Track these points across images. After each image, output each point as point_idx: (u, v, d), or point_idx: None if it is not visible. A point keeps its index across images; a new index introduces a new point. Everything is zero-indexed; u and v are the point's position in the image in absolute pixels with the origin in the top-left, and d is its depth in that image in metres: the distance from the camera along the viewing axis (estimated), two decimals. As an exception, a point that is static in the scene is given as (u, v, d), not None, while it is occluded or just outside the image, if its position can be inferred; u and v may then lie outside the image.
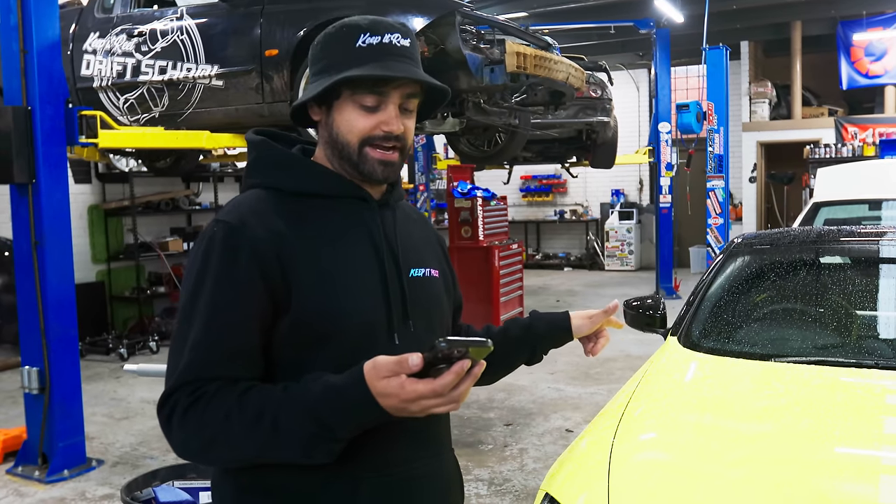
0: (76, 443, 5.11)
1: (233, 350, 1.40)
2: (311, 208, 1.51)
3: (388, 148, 1.51)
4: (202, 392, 1.37)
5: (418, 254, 1.63)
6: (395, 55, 1.48)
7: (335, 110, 1.51)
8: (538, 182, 16.85)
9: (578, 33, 12.93)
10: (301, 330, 1.43)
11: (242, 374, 1.41)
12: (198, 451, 1.41)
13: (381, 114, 1.49)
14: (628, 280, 14.16)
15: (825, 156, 12.19)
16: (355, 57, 1.47)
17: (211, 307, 1.41)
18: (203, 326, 1.40)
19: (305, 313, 1.43)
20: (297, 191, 1.52)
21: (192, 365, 1.39)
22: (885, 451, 2.31)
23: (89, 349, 8.42)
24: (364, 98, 1.48)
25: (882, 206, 7.49)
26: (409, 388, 1.27)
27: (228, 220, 1.45)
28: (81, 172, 8.99)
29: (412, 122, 1.55)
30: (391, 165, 1.53)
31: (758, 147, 14.38)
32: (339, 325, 1.45)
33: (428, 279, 1.62)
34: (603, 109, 9.00)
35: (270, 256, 1.42)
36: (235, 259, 1.42)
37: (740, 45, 14.33)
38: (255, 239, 1.42)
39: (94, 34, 6.05)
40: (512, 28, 5.44)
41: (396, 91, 1.49)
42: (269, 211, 1.48)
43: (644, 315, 3.60)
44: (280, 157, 1.57)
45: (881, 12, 13.02)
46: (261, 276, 1.41)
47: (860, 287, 3.32)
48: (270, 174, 1.55)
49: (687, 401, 2.75)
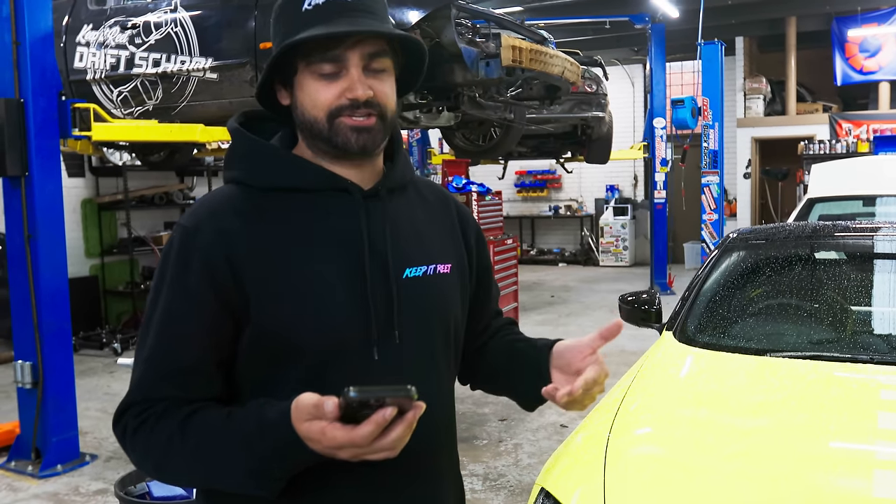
0: (70, 437, 5.09)
1: (183, 366, 1.30)
2: (284, 205, 1.36)
3: (361, 114, 1.34)
4: (149, 414, 1.29)
5: (422, 247, 1.45)
6: (345, 11, 1.32)
7: (297, 88, 1.36)
8: (533, 177, 16.85)
9: (573, 28, 12.91)
10: (263, 345, 1.31)
11: (194, 393, 1.30)
12: (150, 472, 1.35)
13: (342, 80, 1.33)
14: (623, 276, 14.17)
15: (819, 152, 12.20)
16: (303, 22, 1.32)
17: (164, 319, 1.31)
18: (155, 339, 1.31)
19: (266, 327, 1.30)
20: (267, 186, 1.37)
21: (142, 382, 1.31)
22: (879, 445, 2.31)
23: (83, 344, 8.39)
24: (319, 66, 1.32)
25: (876, 202, 7.52)
26: (330, 434, 1.14)
27: (185, 223, 1.34)
28: (75, 166, 8.95)
29: (385, 84, 1.37)
30: (367, 131, 1.34)
31: (752, 143, 14.40)
32: (304, 341, 1.31)
33: (429, 278, 1.44)
34: (598, 104, 9.00)
35: (223, 266, 1.30)
36: (188, 267, 1.31)
37: (735, 41, 14.33)
38: (208, 245, 1.30)
39: (87, 26, 6.02)
40: (507, 22, 5.43)
41: (354, 52, 1.32)
42: (231, 211, 1.34)
43: (639, 310, 3.60)
44: (251, 147, 1.41)
45: (876, 8, 13.03)
46: (212, 286, 1.29)
47: (855, 282, 3.32)
48: (242, 167, 1.40)
49: (683, 395, 2.75)
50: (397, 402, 1.13)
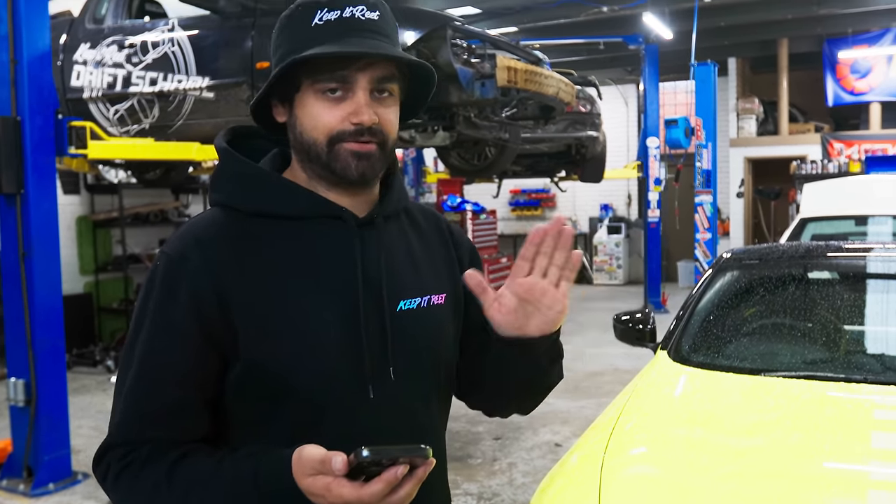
0: (62, 456, 5.07)
1: (167, 405, 1.23)
2: (273, 233, 1.29)
3: (364, 140, 1.26)
4: (133, 457, 1.22)
5: (417, 278, 1.38)
6: (357, 30, 1.24)
7: (297, 105, 1.28)
8: (527, 196, 16.90)
9: (568, 48, 13.01)
10: (253, 382, 1.25)
11: (179, 434, 1.24)
12: None
13: (348, 103, 1.25)
14: (616, 294, 14.19)
15: (811, 171, 12.27)
16: (311, 37, 1.24)
17: (144, 357, 1.24)
18: (135, 379, 1.24)
19: (256, 363, 1.23)
20: (256, 212, 1.29)
21: (124, 422, 1.24)
22: (873, 465, 2.32)
23: (76, 361, 8.36)
24: (326, 85, 1.25)
25: (868, 221, 7.57)
26: (336, 491, 1.09)
27: (170, 251, 1.26)
28: (70, 183, 8.96)
29: (391, 110, 1.30)
30: (368, 158, 1.27)
31: (745, 162, 14.49)
32: (295, 380, 1.24)
33: (423, 310, 1.37)
34: (592, 124, 9.03)
35: (210, 299, 1.22)
36: (172, 297, 1.23)
37: (728, 62, 14.46)
38: (194, 274, 1.23)
39: (84, 45, 6.04)
40: (503, 43, 5.47)
41: (364, 74, 1.25)
42: (218, 238, 1.27)
43: (634, 329, 3.62)
44: (240, 169, 1.32)
45: (866, 30, 13.16)
46: (198, 319, 1.22)
47: (849, 302, 3.35)
48: (228, 191, 1.32)
49: (677, 415, 2.76)
50: (410, 460, 1.10)
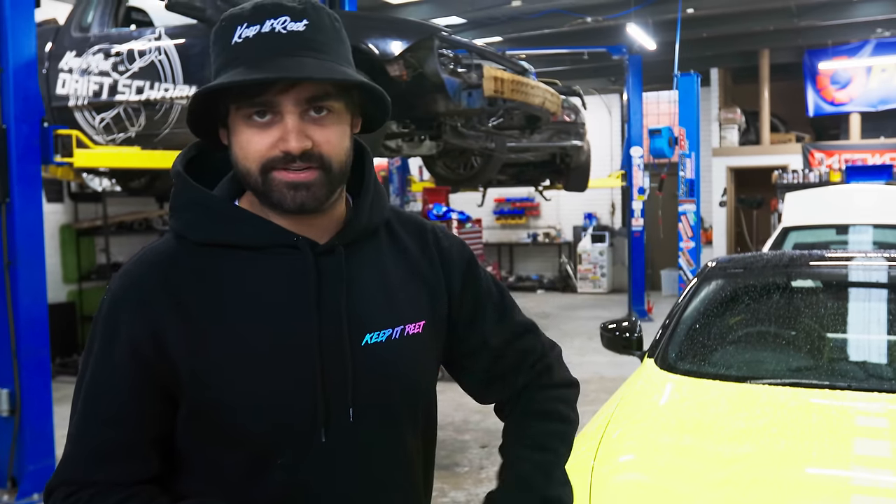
0: (47, 466, 5.02)
1: (111, 445, 1.17)
2: (222, 265, 1.19)
3: (297, 168, 1.15)
4: (76, 499, 1.17)
5: (387, 307, 1.26)
6: (279, 48, 1.11)
7: (231, 132, 1.18)
8: (511, 205, 16.96)
9: (552, 58, 13.09)
10: (198, 426, 1.18)
11: (125, 476, 1.18)
12: None
13: (276, 128, 1.14)
14: (600, 302, 14.25)
15: (793, 181, 12.40)
16: (231, 57, 1.13)
17: (89, 395, 1.19)
18: (80, 417, 1.19)
19: (201, 408, 1.17)
20: (205, 241, 1.20)
21: (69, 462, 1.19)
22: (856, 471, 2.36)
23: (59, 370, 8.29)
24: (249, 111, 1.14)
25: (849, 230, 7.66)
26: None
27: (114, 288, 1.20)
28: (53, 192, 8.91)
29: (332, 129, 1.17)
30: (305, 188, 1.15)
31: (727, 172, 14.61)
32: (244, 423, 1.16)
33: (394, 343, 1.25)
34: (577, 134, 9.10)
35: (148, 341, 1.15)
36: (113, 339, 1.17)
37: (710, 72, 14.59)
38: (131, 320, 1.16)
39: (70, 53, 6.03)
40: (489, 53, 5.52)
41: (287, 97, 1.13)
42: (163, 272, 1.18)
43: (620, 337, 3.65)
44: (191, 197, 1.22)
45: (846, 42, 13.34)
46: (137, 361, 1.16)
47: (833, 310, 3.40)
48: (180, 220, 1.22)
49: (666, 422, 2.79)
50: None
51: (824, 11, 11.48)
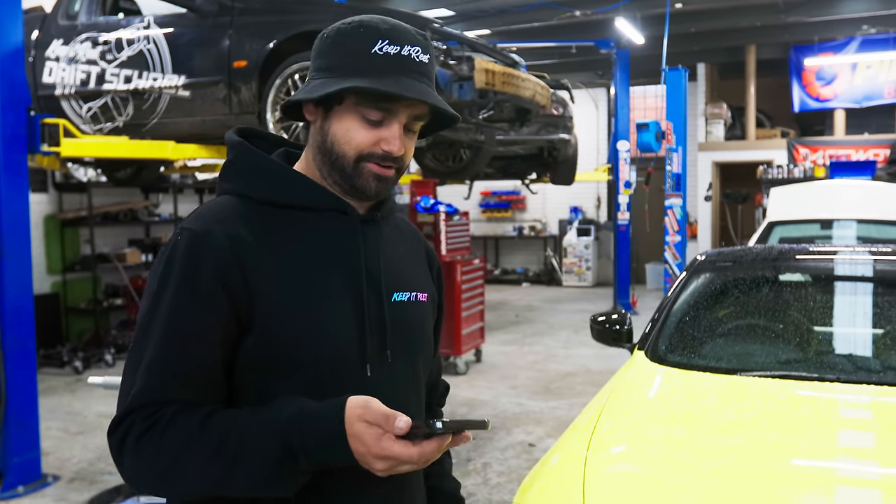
0: (32, 458, 5.00)
1: (192, 368, 1.28)
2: (285, 220, 1.38)
3: (386, 165, 1.39)
4: (158, 416, 1.25)
5: (405, 275, 1.50)
6: (411, 71, 1.35)
7: (334, 116, 1.38)
8: (497, 198, 16.97)
9: (540, 52, 13.09)
10: (263, 354, 1.32)
11: (202, 397, 1.29)
12: (153, 480, 1.27)
13: (383, 130, 1.36)
14: (585, 296, 14.31)
15: (778, 176, 12.47)
16: (369, 64, 1.34)
17: (170, 321, 1.28)
18: (160, 342, 1.28)
19: (268, 335, 1.31)
20: (269, 200, 1.39)
21: (148, 386, 1.26)
22: (841, 462, 2.39)
23: (43, 362, 8.23)
24: (369, 111, 1.35)
25: (833, 225, 7.71)
26: (385, 444, 1.19)
27: (192, 227, 1.33)
28: (38, 181, 8.82)
29: (413, 143, 1.43)
30: (386, 181, 1.40)
31: (713, 167, 14.68)
32: (304, 352, 1.32)
33: (413, 304, 1.49)
34: (564, 127, 9.11)
35: (234, 266, 1.30)
36: (198, 269, 1.29)
37: (697, 67, 14.64)
38: (220, 248, 1.30)
39: (57, 41, 5.97)
40: (480, 45, 5.51)
41: (405, 110, 1.37)
42: (236, 219, 1.35)
43: (610, 330, 3.67)
44: (255, 161, 1.42)
45: (831, 38, 13.41)
46: (224, 287, 1.29)
47: (820, 303, 3.43)
48: (243, 180, 1.41)
49: (657, 414, 2.81)
50: (473, 433, 1.23)
51: (811, 8, 11.55)
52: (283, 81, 5.00)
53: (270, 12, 5.21)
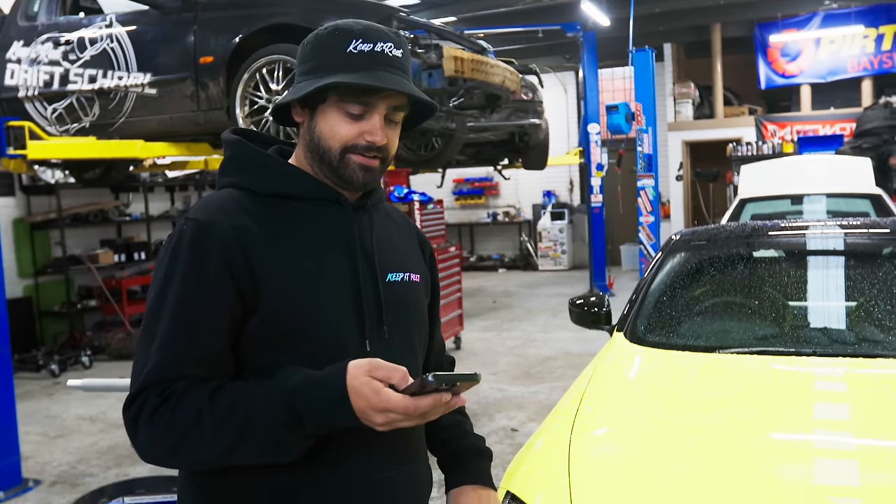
0: (11, 463, 4.96)
1: (201, 349, 1.38)
2: (284, 210, 1.49)
3: (370, 156, 1.49)
4: (170, 392, 1.35)
5: (398, 257, 1.61)
6: (385, 65, 1.46)
7: (319, 114, 1.49)
8: (471, 185, 16.98)
9: (507, 37, 13.08)
10: (268, 332, 1.41)
11: (212, 374, 1.39)
12: (165, 453, 1.38)
13: (365, 123, 1.47)
14: (562, 279, 14.37)
15: (747, 153, 12.60)
16: (345, 62, 1.44)
17: (179, 304, 1.38)
18: (171, 324, 1.38)
19: (273, 315, 1.41)
20: (269, 191, 1.50)
21: (160, 364, 1.36)
22: (818, 434, 2.43)
23: (19, 366, 8.13)
24: (350, 106, 1.46)
25: (803, 200, 7.81)
26: (384, 396, 1.28)
27: (197, 217, 1.43)
28: (4, 185, 8.71)
29: (396, 134, 1.53)
30: (371, 171, 1.50)
31: (683, 146, 14.78)
32: (307, 329, 1.42)
33: (406, 284, 1.59)
34: (534, 112, 9.11)
35: (238, 254, 1.40)
36: (204, 256, 1.39)
37: (663, 47, 14.71)
38: (224, 236, 1.40)
39: (17, 42, 5.87)
40: (448, 33, 5.49)
41: (383, 102, 1.47)
42: (239, 209, 1.46)
43: (589, 312, 3.69)
44: (253, 156, 1.54)
45: (794, 14, 13.54)
46: (229, 274, 1.39)
47: (795, 279, 3.47)
48: (243, 174, 1.52)
49: (638, 395, 2.83)
50: (467, 385, 1.30)
51: (773, -16, 11.64)
52: (251, 76, 4.95)
53: (235, 6, 5.15)
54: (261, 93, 4.97)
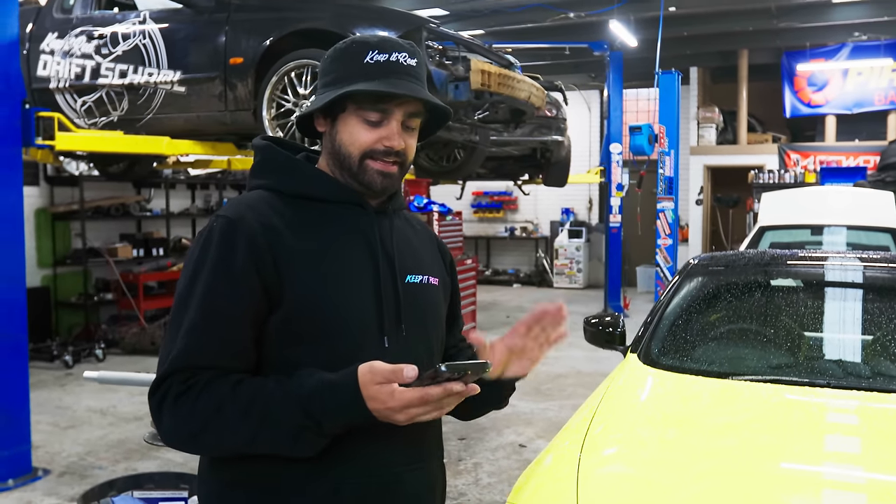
0: (22, 452, 4.99)
1: (227, 339, 1.44)
2: (310, 211, 1.56)
3: (389, 161, 1.55)
4: (195, 381, 1.41)
5: (417, 260, 1.67)
6: (401, 73, 1.53)
7: (339, 122, 1.56)
8: (489, 198, 16.99)
9: (533, 53, 13.11)
10: (291, 326, 1.47)
11: (235, 365, 1.45)
12: (186, 438, 1.44)
13: (383, 129, 1.54)
14: (577, 298, 14.33)
15: (769, 181, 12.54)
16: (362, 72, 1.52)
17: (207, 296, 1.44)
18: (198, 314, 1.43)
19: (296, 309, 1.46)
20: (296, 193, 1.57)
21: (185, 351, 1.42)
22: (829, 467, 2.42)
23: (33, 356, 8.16)
24: (368, 113, 1.53)
25: (823, 231, 7.77)
26: (399, 396, 1.32)
27: (227, 214, 1.50)
28: (29, 175, 8.78)
29: (413, 140, 1.60)
30: (390, 177, 1.57)
31: (704, 171, 14.74)
32: (329, 324, 1.48)
33: (424, 286, 1.65)
34: (557, 129, 9.13)
35: (266, 250, 1.46)
36: (233, 251, 1.45)
37: (690, 71, 14.69)
38: (252, 233, 1.47)
39: (52, 34, 5.96)
40: (476, 46, 5.52)
41: (400, 108, 1.54)
42: (267, 209, 1.52)
43: (604, 332, 3.68)
44: (283, 160, 1.61)
45: (823, 44, 13.48)
46: (256, 269, 1.45)
47: (812, 309, 3.45)
48: (272, 176, 1.59)
49: (650, 417, 2.83)
50: (475, 374, 1.33)
51: (803, 13, 11.61)
52: (280, 79, 5.00)
53: (267, 9, 5.21)
54: (288, 96, 5.01)
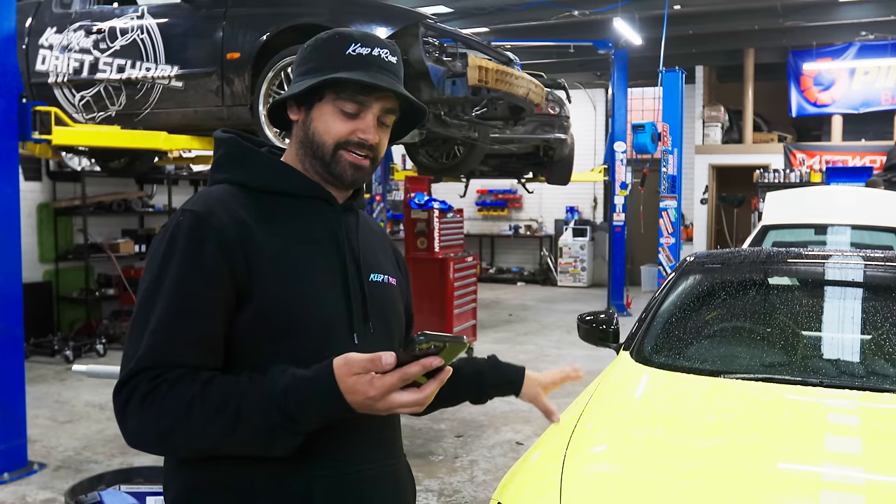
0: (18, 445, 4.99)
1: (196, 335, 1.40)
2: (276, 205, 1.53)
3: (361, 155, 1.54)
4: (163, 379, 1.36)
5: (377, 260, 1.67)
6: (381, 68, 1.53)
7: (315, 111, 1.54)
8: (494, 196, 16.96)
9: (538, 51, 13.08)
10: (261, 322, 1.44)
11: (204, 362, 1.41)
12: (153, 439, 1.39)
13: (359, 121, 1.53)
14: (580, 296, 14.30)
15: (774, 180, 12.48)
16: (344, 63, 1.51)
17: (175, 292, 1.40)
18: (166, 310, 1.39)
19: (266, 305, 1.44)
20: (262, 187, 1.54)
21: (153, 349, 1.38)
22: (825, 467, 2.37)
23: (33, 350, 8.23)
24: (345, 104, 1.52)
25: (827, 231, 7.71)
26: (378, 384, 1.30)
27: (195, 209, 1.46)
28: (31, 170, 8.81)
29: (386, 137, 1.59)
30: (361, 170, 1.56)
31: (709, 169, 14.68)
32: (299, 320, 1.46)
33: (386, 285, 1.65)
34: (561, 127, 9.10)
35: (237, 246, 1.43)
36: (201, 246, 1.42)
37: (695, 70, 14.63)
38: (222, 227, 1.44)
39: (50, 29, 5.95)
40: (475, 42, 5.49)
41: (378, 103, 1.54)
42: (235, 203, 1.49)
43: (597, 329, 3.65)
44: (247, 154, 1.59)
45: (830, 44, 13.41)
46: (226, 263, 1.42)
47: (807, 307, 3.42)
48: (237, 170, 1.57)
49: (639, 414, 2.80)
50: (454, 347, 1.31)
51: (810, 12, 11.54)
52: (276, 74, 4.98)
53: (264, 4, 5.19)
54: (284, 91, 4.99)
